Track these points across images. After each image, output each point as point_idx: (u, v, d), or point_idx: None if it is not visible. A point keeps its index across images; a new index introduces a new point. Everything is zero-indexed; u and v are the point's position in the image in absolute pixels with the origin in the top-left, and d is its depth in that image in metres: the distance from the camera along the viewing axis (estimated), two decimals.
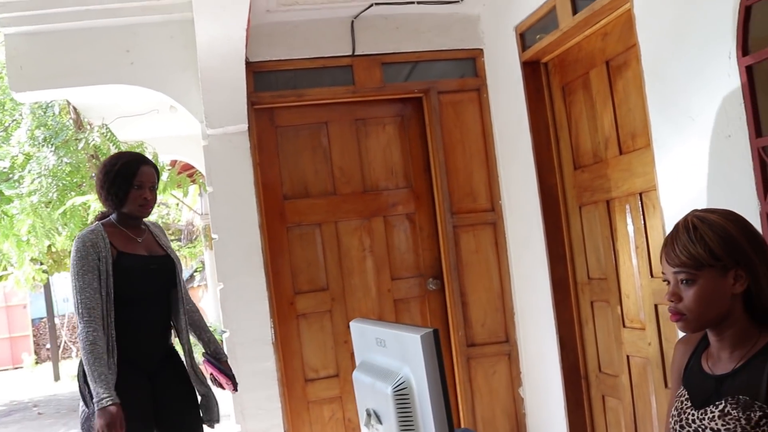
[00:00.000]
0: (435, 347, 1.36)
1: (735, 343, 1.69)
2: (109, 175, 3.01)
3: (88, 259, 2.86)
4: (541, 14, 3.88)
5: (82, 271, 2.85)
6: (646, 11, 3.00)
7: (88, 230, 2.98)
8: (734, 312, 1.67)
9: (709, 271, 1.64)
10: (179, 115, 4.97)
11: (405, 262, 4.68)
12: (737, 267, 1.64)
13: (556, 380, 4.09)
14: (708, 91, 2.67)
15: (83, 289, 2.84)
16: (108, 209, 3.10)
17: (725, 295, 1.65)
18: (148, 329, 3.05)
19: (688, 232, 1.66)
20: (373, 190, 4.65)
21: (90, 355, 2.76)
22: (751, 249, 1.64)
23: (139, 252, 3.05)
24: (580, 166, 3.93)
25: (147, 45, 4.23)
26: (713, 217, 1.68)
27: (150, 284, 3.05)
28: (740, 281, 1.65)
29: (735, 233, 1.65)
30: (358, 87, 4.50)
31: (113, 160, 3.08)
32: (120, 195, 3.00)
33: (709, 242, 1.64)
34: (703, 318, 1.67)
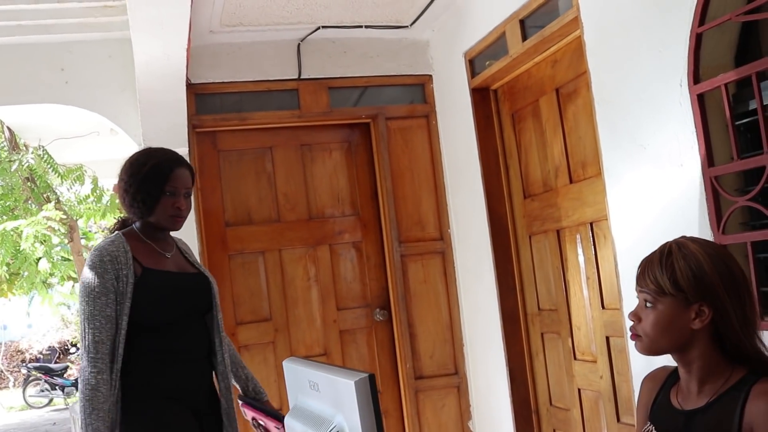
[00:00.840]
0: (371, 394, 1.23)
1: (704, 377, 1.61)
2: (137, 178, 2.47)
3: (104, 278, 2.36)
4: (490, 40, 3.81)
5: (95, 294, 2.35)
6: (596, 38, 2.94)
7: (107, 242, 2.45)
8: (697, 346, 1.60)
9: (671, 299, 1.58)
10: (121, 138, 4.79)
11: (351, 291, 4.54)
12: (701, 302, 1.57)
13: (507, 414, 3.98)
14: (659, 119, 2.61)
15: (93, 316, 2.33)
16: (131, 217, 2.56)
17: (683, 327, 1.58)
18: (184, 360, 2.49)
19: (662, 257, 1.61)
20: (318, 217, 4.52)
21: (88, 404, 2.27)
22: (722, 287, 1.56)
23: (168, 268, 2.54)
24: (530, 195, 3.85)
25: (83, 64, 4.05)
26: (693, 247, 1.60)
27: (182, 307, 2.52)
28: (702, 317, 1.57)
29: (708, 268, 1.56)
30: (304, 111, 4.38)
31: (142, 158, 2.54)
32: (148, 202, 2.47)
33: (677, 272, 1.57)
34: (657, 344, 1.62)
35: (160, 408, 2.39)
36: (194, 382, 2.50)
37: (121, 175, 2.54)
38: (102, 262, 2.37)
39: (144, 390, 2.38)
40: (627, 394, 3.12)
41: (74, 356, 16.34)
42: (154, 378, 2.40)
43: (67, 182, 5.95)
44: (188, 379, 2.48)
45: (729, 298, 1.56)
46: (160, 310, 2.45)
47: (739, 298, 1.56)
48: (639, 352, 1.67)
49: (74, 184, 6.02)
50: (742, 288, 1.58)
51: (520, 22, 3.51)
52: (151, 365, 2.40)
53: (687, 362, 1.63)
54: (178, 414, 2.42)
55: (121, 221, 2.63)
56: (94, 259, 2.40)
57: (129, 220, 2.59)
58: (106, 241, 2.47)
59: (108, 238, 2.50)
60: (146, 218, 2.50)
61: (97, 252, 2.41)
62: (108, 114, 4.10)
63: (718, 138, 2.43)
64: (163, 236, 2.57)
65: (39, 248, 6.90)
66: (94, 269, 2.38)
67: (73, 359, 16.15)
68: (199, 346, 2.54)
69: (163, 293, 2.47)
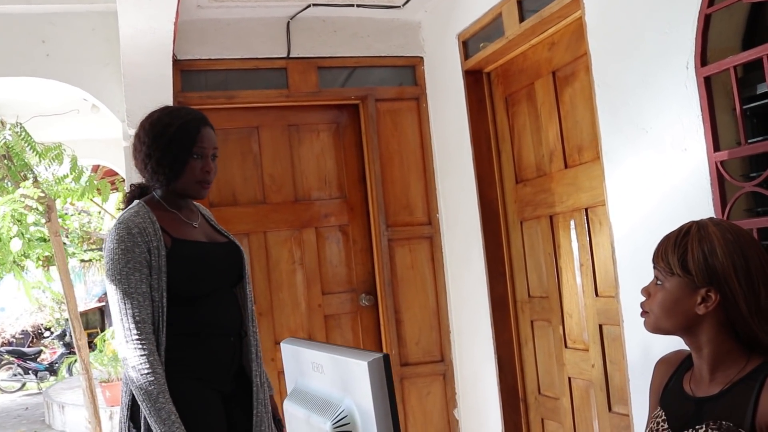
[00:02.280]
0: (386, 376, 1.15)
1: (715, 364, 1.57)
2: (162, 140, 2.25)
3: (135, 251, 2.15)
4: (485, 21, 3.73)
5: (128, 270, 2.14)
6: (598, 19, 2.87)
7: (130, 213, 2.23)
8: (705, 331, 1.56)
9: (678, 280, 1.55)
10: (102, 117, 4.66)
11: (337, 276, 4.45)
12: (709, 287, 1.52)
13: (494, 402, 3.92)
14: (663, 102, 2.55)
15: (129, 295, 2.14)
16: (152, 183, 2.33)
17: (689, 310, 1.55)
18: (218, 335, 2.31)
19: (678, 236, 1.58)
20: (305, 199, 4.42)
21: (151, 387, 2.09)
22: (733, 274, 1.50)
23: (198, 238, 2.35)
24: (523, 180, 3.79)
25: (65, 36, 3.92)
26: (712, 230, 1.54)
27: (215, 278, 2.34)
28: (707, 303, 1.53)
29: (720, 253, 1.51)
30: (293, 91, 4.28)
31: (166, 118, 2.30)
32: (176, 167, 2.25)
33: (688, 254, 1.54)
34: (661, 323, 1.60)
35: (192, 392, 2.22)
36: (226, 361, 2.32)
37: (140, 137, 2.32)
38: (131, 235, 2.17)
39: (174, 368, 2.19)
40: (620, 383, 3.07)
41: (48, 340, 16.15)
42: (185, 356, 2.23)
43: (45, 161, 5.80)
44: (220, 357, 2.31)
45: (740, 286, 1.50)
46: (194, 283, 2.27)
47: (752, 286, 1.50)
48: (646, 328, 1.64)
49: (52, 163, 5.87)
50: (758, 277, 1.51)
51: (518, 3, 3.43)
52: (181, 342, 2.23)
53: (697, 347, 1.59)
54: (208, 399, 2.25)
55: (138, 188, 2.41)
56: (120, 232, 2.18)
57: (149, 188, 2.38)
58: (129, 212, 2.25)
59: (130, 208, 2.28)
60: (171, 185, 2.30)
61: (123, 224, 2.19)
62: (90, 89, 3.98)
63: (724, 122, 2.37)
64: (186, 204, 2.39)
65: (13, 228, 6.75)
66: (123, 243, 2.16)
67: (47, 343, 15.95)
68: (231, 320, 2.36)
69: (197, 265, 2.29)
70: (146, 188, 2.39)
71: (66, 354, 13.54)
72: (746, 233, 1.55)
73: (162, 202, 2.34)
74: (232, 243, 2.45)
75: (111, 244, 2.20)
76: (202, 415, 2.21)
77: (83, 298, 16.02)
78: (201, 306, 2.28)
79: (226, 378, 2.33)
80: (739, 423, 1.47)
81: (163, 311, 2.18)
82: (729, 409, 1.50)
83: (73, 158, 6.01)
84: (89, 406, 6.00)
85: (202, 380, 2.25)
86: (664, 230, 2.55)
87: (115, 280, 2.16)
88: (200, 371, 2.25)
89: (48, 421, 9.68)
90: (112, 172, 8.32)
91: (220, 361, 2.31)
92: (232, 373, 2.36)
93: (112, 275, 2.17)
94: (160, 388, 2.10)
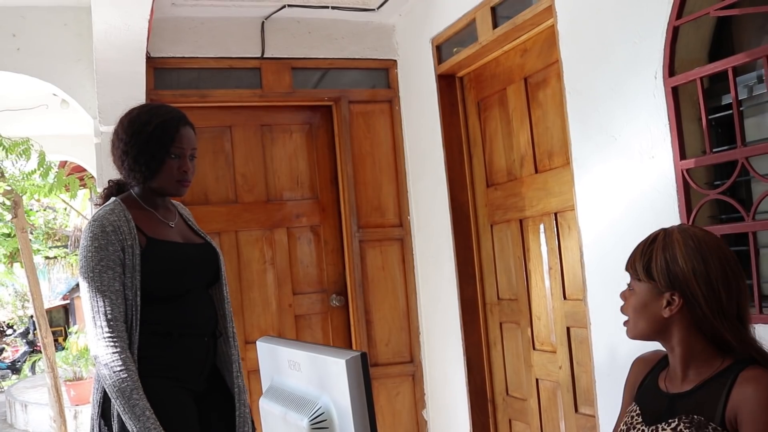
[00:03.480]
0: (363, 374, 1.18)
1: (688, 363, 1.63)
2: (139, 138, 2.23)
3: (108, 250, 2.14)
4: (459, 27, 3.78)
5: (100, 268, 2.13)
6: (570, 28, 2.93)
7: (105, 210, 2.21)
8: (676, 333, 1.62)
9: (645, 285, 1.63)
10: (71, 112, 4.62)
11: (308, 276, 4.47)
12: (672, 291, 1.59)
13: (462, 403, 3.97)
14: (632, 110, 2.61)
15: (102, 292, 2.12)
16: (130, 182, 2.32)
17: (656, 313, 1.62)
18: (192, 335, 2.30)
19: (645, 243, 1.66)
20: (277, 199, 4.43)
21: (124, 384, 2.07)
22: (694, 278, 1.57)
23: (173, 239, 2.33)
24: (493, 184, 3.84)
25: (36, 31, 3.88)
26: (677, 236, 1.62)
27: (189, 279, 2.33)
28: (672, 306, 1.60)
29: (682, 259, 1.58)
30: (266, 91, 4.29)
31: (144, 115, 2.28)
32: (152, 165, 2.24)
33: (652, 260, 1.61)
34: (636, 328, 1.66)
35: (165, 390, 2.20)
36: (199, 361, 2.31)
37: (118, 134, 2.29)
38: (104, 233, 2.15)
39: (146, 367, 2.17)
40: (586, 385, 3.13)
41: (10, 338, 15.92)
42: (157, 355, 2.21)
43: (12, 156, 5.73)
44: (193, 357, 2.30)
45: (700, 289, 1.56)
46: (167, 284, 2.26)
47: (712, 289, 1.56)
48: (627, 335, 1.70)
49: (20, 158, 5.80)
50: (719, 280, 1.57)
51: (492, 10, 3.48)
52: (154, 341, 2.21)
53: (670, 348, 1.66)
54: (181, 399, 2.24)
55: (116, 185, 2.38)
56: (94, 230, 2.17)
57: (126, 185, 2.36)
58: (104, 209, 2.23)
59: (105, 205, 2.26)
60: (148, 183, 2.29)
61: (97, 222, 2.18)
62: (62, 84, 3.95)
63: (690, 131, 2.44)
64: (163, 203, 2.37)
65: None
66: (96, 240, 2.15)
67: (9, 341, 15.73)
68: (205, 320, 2.35)
69: (171, 266, 2.28)
70: (124, 185, 2.37)
71: (29, 352, 13.36)
72: (711, 239, 1.61)
73: (139, 200, 2.32)
74: (209, 244, 2.44)
75: (85, 241, 2.18)
76: (175, 414, 2.19)
77: (48, 295, 15.82)
78: (175, 306, 2.27)
79: (199, 378, 2.32)
80: (710, 417, 1.53)
81: (136, 310, 2.17)
82: (701, 405, 1.56)
83: (41, 154, 5.94)
84: (54, 405, 5.94)
85: (175, 380, 2.23)
86: (631, 235, 2.61)
87: (88, 277, 2.15)
88: (173, 371, 2.23)
89: (10, 421, 9.54)
90: (80, 168, 8.24)
91: (193, 360, 2.29)
92: (206, 373, 2.35)
93: (85, 272, 2.16)
94: (133, 384, 2.08)
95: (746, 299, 1.61)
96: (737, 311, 1.58)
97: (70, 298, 16.98)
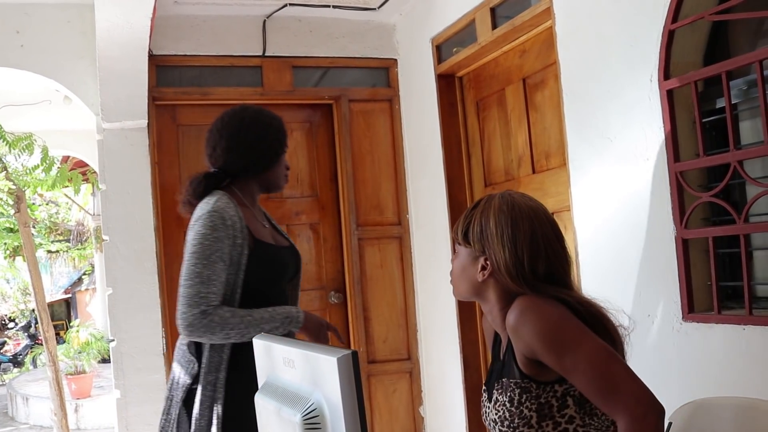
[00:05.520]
0: (353, 371, 1.21)
1: (501, 327, 1.66)
2: (270, 131, 2.36)
3: (224, 242, 2.18)
4: (459, 27, 3.81)
5: (215, 258, 2.16)
6: (568, 30, 2.96)
7: (223, 203, 2.24)
8: (490, 296, 1.66)
9: (465, 250, 1.67)
10: (74, 108, 4.65)
11: (307, 273, 4.50)
12: (485, 256, 1.63)
13: (459, 400, 4.00)
14: (628, 113, 2.64)
15: (211, 280, 2.15)
16: (243, 174, 2.37)
17: (473, 277, 1.65)
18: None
19: (468, 209, 1.70)
20: (276, 197, 4.46)
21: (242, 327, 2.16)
22: (500, 243, 1.60)
23: (270, 241, 2.38)
24: (491, 184, 3.87)
25: (40, 28, 3.92)
26: (496, 202, 1.64)
27: (284, 280, 2.42)
28: (484, 271, 1.63)
29: (492, 224, 1.62)
30: (267, 89, 4.32)
31: (265, 112, 2.42)
32: (273, 159, 2.37)
33: (470, 225, 1.66)
34: (458, 290, 1.71)
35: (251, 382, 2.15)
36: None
37: (248, 126, 2.35)
38: (225, 226, 2.20)
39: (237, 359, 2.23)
40: None
41: (12, 332, 15.97)
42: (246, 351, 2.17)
43: (15, 151, 5.76)
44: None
45: (503, 253, 1.59)
46: (266, 285, 2.33)
47: (515, 254, 1.59)
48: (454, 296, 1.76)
49: (23, 153, 5.83)
50: (525, 244, 1.59)
51: (491, 10, 3.51)
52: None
53: (488, 310, 1.69)
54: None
55: (213, 178, 2.37)
56: (215, 220, 2.20)
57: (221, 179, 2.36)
58: (222, 201, 2.25)
59: (220, 198, 2.26)
60: (264, 174, 2.38)
61: (218, 213, 2.21)
62: (65, 81, 3.98)
63: (684, 134, 2.47)
64: (256, 201, 2.45)
65: None
66: (217, 231, 2.18)
67: (11, 335, 15.79)
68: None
69: (272, 269, 2.35)
70: (220, 178, 2.37)
71: (31, 346, 13.41)
72: (527, 205, 1.63)
73: (241, 197, 2.36)
74: (294, 248, 2.52)
75: (204, 229, 2.20)
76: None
77: (49, 289, 15.88)
78: (264, 301, 2.31)
79: None
80: (511, 375, 1.58)
81: (235, 304, 2.24)
82: (508, 367, 1.61)
83: (44, 149, 5.98)
84: (55, 399, 5.98)
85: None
86: (625, 235, 2.65)
87: (199, 263, 2.16)
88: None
89: (11, 414, 9.59)
90: (82, 164, 8.29)
91: None
92: None
93: (199, 259, 2.17)
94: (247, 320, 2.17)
95: (562, 262, 1.63)
96: (548, 273, 1.60)
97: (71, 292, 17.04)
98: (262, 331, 2.14)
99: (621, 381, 1.44)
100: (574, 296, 1.58)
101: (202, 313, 2.14)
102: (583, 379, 1.46)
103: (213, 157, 2.38)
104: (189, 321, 2.14)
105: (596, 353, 1.47)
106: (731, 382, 2.23)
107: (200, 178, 2.38)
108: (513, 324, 1.53)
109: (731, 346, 2.24)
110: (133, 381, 3.86)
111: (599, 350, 1.47)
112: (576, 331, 1.49)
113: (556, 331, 1.49)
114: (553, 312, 1.52)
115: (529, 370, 1.55)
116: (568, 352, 1.47)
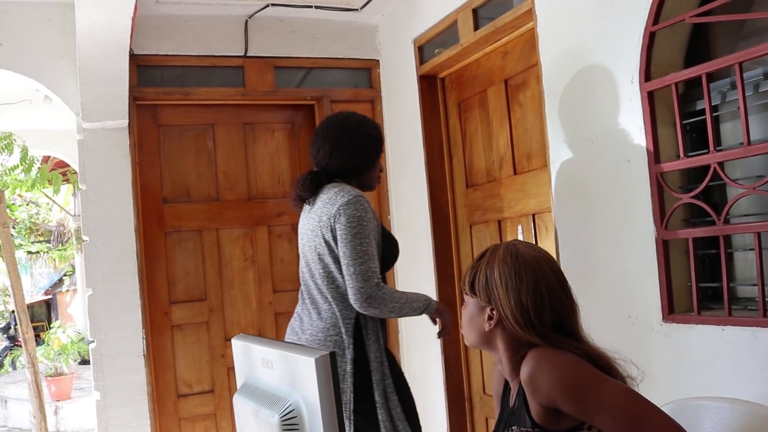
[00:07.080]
0: (331, 372, 1.21)
1: (513, 375, 1.68)
2: (369, 140, 2.69)
3: (373, 223, 2.53)
4: (441, 28, 3.81)
5: (372, 236, 2.50)
6: (549, 31, 2.96)
7: (359, 192, 2.58)
8: (499, 344, 1.69)
9: (472, 300, 1.72)
10: (54, 107, 4.62)
11: (288, 274, 4.48)
12: (491, 306, 1.66)
13: (440, 401, 4.00)
14: (609, 114, 2.64)
15: (373, 255, 2.48)
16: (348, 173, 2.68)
17: (480, 327, 1.69)
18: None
19: (475, 259, 1.73)
20: (258, 198, 4.45)
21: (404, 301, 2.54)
22: (505, 294, 1.63)
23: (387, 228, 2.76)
24: (473, 185, 3.87)
25: (19, 26, 3.87)
26: (501, 253, 1.67)
27: (392, 266, 2.77)
28: (491, 321, 1.66)
29: (496, 275, 1.65)
30: (249, 90, 4.30)
31: (367, 118, 2.77)
32: (374, 161, 2.71)
33: (477, 276, 1.69)
34: (469, 339, 1.74)
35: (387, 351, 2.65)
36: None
37: (351, 134, 2.65)
38: (373, 211, 2.54)
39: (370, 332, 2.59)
40: None
41: None
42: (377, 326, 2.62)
43: None
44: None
45: (510, 304, 1.62)
46: (385, 267, 2.63)
47: (521, 304, 1.61)
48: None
49: (2, 153, 5.78)
50: (529, 294, 1.62)
51: (473, 12, 3.51)
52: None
53: (498, 359, 1.72)
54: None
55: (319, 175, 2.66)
56: (364, 203, 2.51)
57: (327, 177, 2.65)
58: (357, 191, 2.55)
59: (350, 190, 2.56)
60: (364, 175, 2.69)
61: (363, 198, 2.53)
62: (45, 81, 3.94)
63: (665, 135, 2.48)
64: None
65: None
66: (368, 213, 2.50)
67: None
68: None
69: (393, 252, 2.70)
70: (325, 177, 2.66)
71: (10, 347, 13.27)
72: (531, 255, 1.66)
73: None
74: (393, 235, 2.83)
75: (358, 212, 2.49)
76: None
77: (30, 290, 15.73)
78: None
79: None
80: (522, 423, 1.60)
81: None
82: (518, 415, 1.63)
83: (23, 148, 5.93)
84: (35, 401, 5.92)
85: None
86: (605, 237, 2.66)
87: (364, 242, 2.46)
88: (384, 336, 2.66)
89: None
90: (63, 164, 8.22)
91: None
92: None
93: (362, 238, 2.46)
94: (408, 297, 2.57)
95: (568, 311, 1.65)
96: (556, 322, 1.62)
97: (52, 293, 16.88)
98: (411, 311, 2.57)
99: (649, 415, 1.46)
100: (583, 348, 1.61)
101: (377, 285, 2.44)
102: (608, 417, 1.47)
103: (317, 158, 2.69)
104: (368, 293, 2.43)
105: (618, 390, 1.50)
106: (711, 382, 2.24)
107: (307, 175, 2.69)
108: (529, 375, 1.55)
109: (711, 346, 2.25)
110: (113, 382, 3.82)
111: (620, 387, 1.51)
112: (593, 373, 1.53)
113: (574, 376, 1.52)
114: (568, 358, 1.54)
115: (542, 420, 1.56)
116: (589, 393, 1.49)
